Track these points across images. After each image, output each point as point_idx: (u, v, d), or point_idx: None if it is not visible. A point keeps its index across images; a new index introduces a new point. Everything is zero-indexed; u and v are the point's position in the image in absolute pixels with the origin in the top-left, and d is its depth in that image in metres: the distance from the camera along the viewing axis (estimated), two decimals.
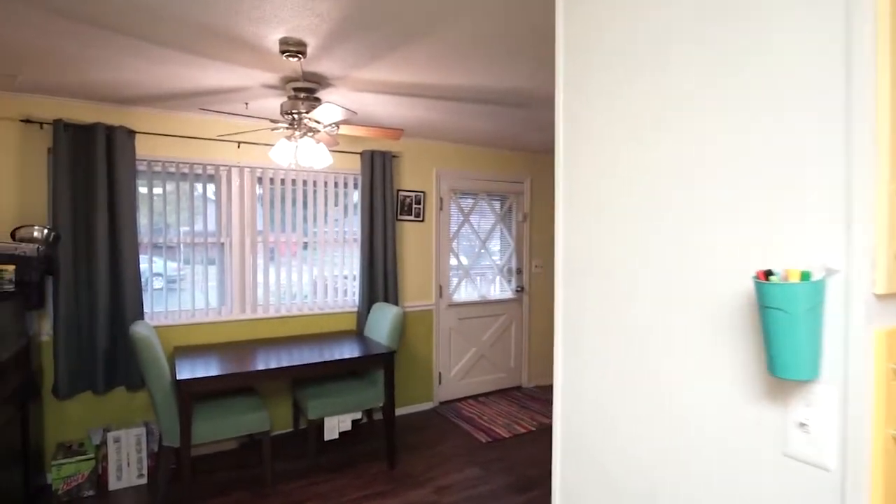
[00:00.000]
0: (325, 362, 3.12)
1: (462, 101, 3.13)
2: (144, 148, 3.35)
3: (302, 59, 2.31)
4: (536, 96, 3.02)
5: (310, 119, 2.63)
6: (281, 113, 2.72)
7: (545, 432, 3.97)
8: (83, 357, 3.17)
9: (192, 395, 2.76)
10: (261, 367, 2.98)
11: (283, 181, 3.83)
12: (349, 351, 3.37)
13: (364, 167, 4.01)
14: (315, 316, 3.97)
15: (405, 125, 3.80)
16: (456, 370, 4.70)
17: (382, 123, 3.71)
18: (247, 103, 3.18)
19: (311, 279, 3.98)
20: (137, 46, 2.26)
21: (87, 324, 3.16)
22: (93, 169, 3.11)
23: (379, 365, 3.37)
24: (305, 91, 2.71)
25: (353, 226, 4.13)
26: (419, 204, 4.38)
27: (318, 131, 2.84)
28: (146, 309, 3.39)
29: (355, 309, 4.13)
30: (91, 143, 3.11)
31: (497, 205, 4.93)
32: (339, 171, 4.02)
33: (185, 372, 2.83)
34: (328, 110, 2.36)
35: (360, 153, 4.04)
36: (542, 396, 4.82)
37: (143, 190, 3.41)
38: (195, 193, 3.54)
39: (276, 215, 3.81)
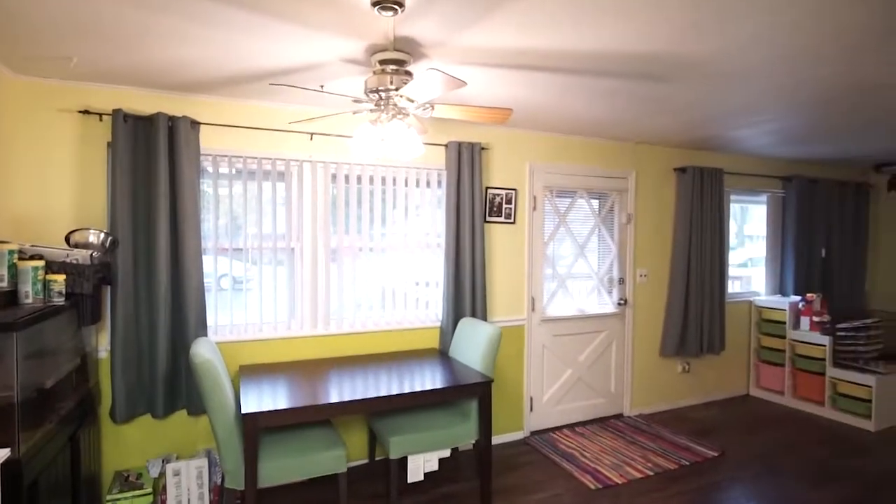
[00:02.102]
0: (410, 394, 2.60)
1: (580, 73, 2.52)
2: (208, 141, 2.97)
3: (398, 14, 1.79)
4: (684, 64, 2.36)
5: (401, 97, 2.11)
6: (365, 91, 2.22)
7: (667, 480, 3.27)
8: (142, 376, 2.82)
9: (258, 430, 2.32)
10: (335, 397, 2.50)
11: (359, 178, 3.36)
12: (435, 377, 2.84)
13: (450, 161, 3.47)
14: (394, 332, 3.48)
15: None
16: (549, 395, 4.07)
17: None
18: (322, 85, 2.72)
19: (390, 290, 3.49)
20: (197, 8, 1.82)
21: (146, 339, 2.81)
22: (154, 164, 2.75)
23: (472, 394, 2.81)
24: (395, 63, 2.20)
25: (436, 228, 3.60)
26: (510, 203, 3.79)
27: (408, 114, 2.32)
28: (209, 322, 3.01)
29: (438, 324, 3.60)
30: (152, 136, 2.76)
31: (596, 204, 4.26)
32: (421, 165, 3.50)
33: (251, 402, 2.39)
34: (429, 80, 1.83)
35: (446, 145, 3.51)
36: (648, 429, 4.10)
37: (206, 189, 3.03)
38: (263, 192, 3.13)
39: (352, 217, 3.35)
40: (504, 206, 3.77)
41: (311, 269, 3.25)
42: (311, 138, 3.21)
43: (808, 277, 5.14)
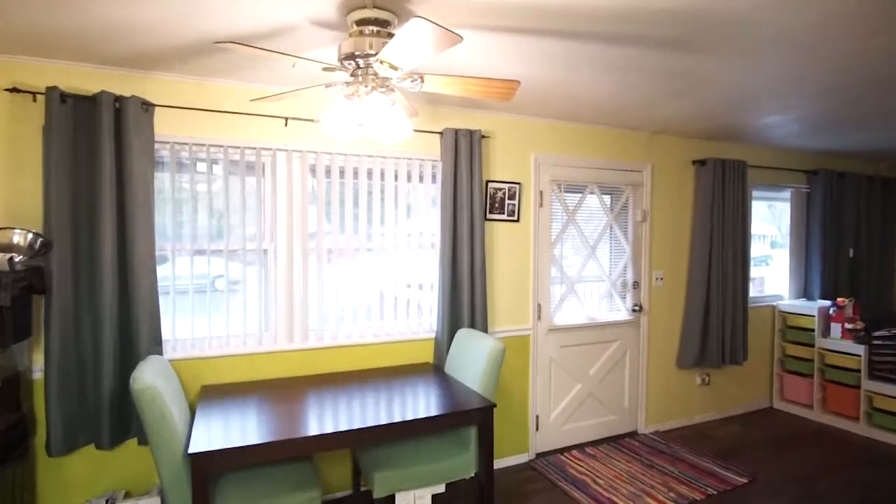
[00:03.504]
0: (398, 424, 2.19)
1: (594, 39, 2.11)
2: (165, 126, 2.56)
3: None
4: (718, 25, 1.96)
5: (382, 63, 1.70)
6: (339, 59, 1.82)
7: None
8: (84, 401, 2.41)
9: (212, 472, 1.90)
10: (313, 427, 2.09)
11: (342, 170, 2.95)
12: (429, 401, 2.44)
13: (445, 150, 3.07)
14: (382, 345, 3.07)
15: None
16: (557, 413, 3.66)
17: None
18: (294, 61, 2.31)
19: (378, 297, 3.08)
20: None
21: (90, 357, 2.40)
22: (97, 152, 2.34)
23: (471, 421, 2.40)
24: (375, 24, 1.79)
25: (431, 227, 3.20)
26: (513, 199, 3.38)
27: (393, 89, 1.92)
28: (166, 335, 2.60)
29: (432, 335, 3.19)
30: (95, 119, 2.35)
31: (608, 200, 3.85)
32: (413, 155, 3.09)
33: (210, 434, 1.98)
34: (415, 33, 1.42)
35: (441, 132, 3.10)
36: (667, 449, 3.69)
37: (162, 182, 2.62)
38: (230, 185, 2.73)
39: (335, 215, 2.94)
40: (507, 201, 3.36)
41: (287, 274, 2.84)
42: (286, 124, 2.80)
43: (835, 280, 4.74)
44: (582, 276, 3.75)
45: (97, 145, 2.35)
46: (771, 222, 5.21)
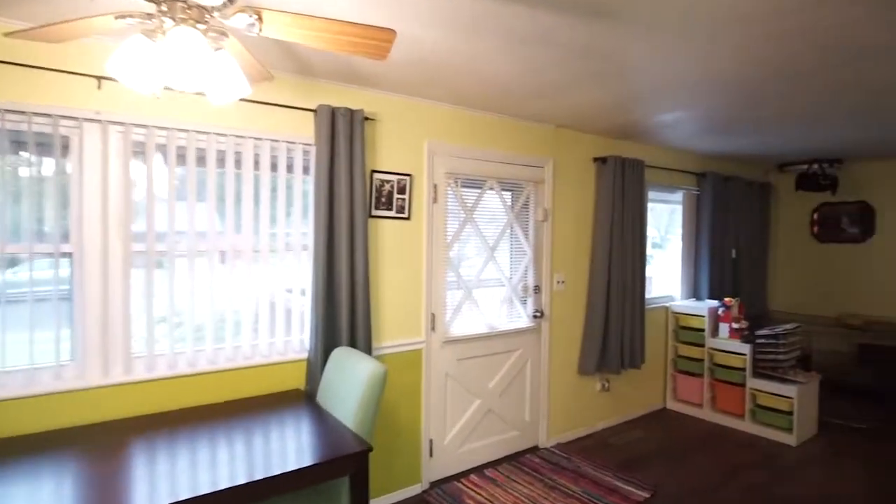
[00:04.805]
0: (254, 484, 1.63)
1: None
2: None
3: None
4: None
5: None
6: None
7: None
8: None
9: None
10: (139, 499, 1.48)
11: (182, 151, 2.30)
12: (300, 444, 1.91)
13: (320, 132, 2.53)
14: (240, 371, 2.46)
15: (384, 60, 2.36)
16: (453, 434, 3.27)
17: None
18: None
19: (231, 310, 2.47)
20: None
21: None
22: None
23: (342, 471, 1.90)
24: None
25: (302, 226, 2.65)
26: (403, 193, 2.93)
27: (225, 33, 1.37)
28: None
29: (304, 355, 2.64)
30: None
31: (509, 197, 3.54)
32: (279, 136, 2.52)
33: None
34: None
35: (315, 109, 2.57)
36: (569, 465, 3.45)
37: None
38: (15, 165, 1.99)
39: (171, 209, 2.28)
40: (395, 196, 2.90)
41: (101, 286, 2.15)
42: (100, 85, 2.11)
43: (721, 280, 4.86)
44: (481, 281, 3.39)
45: None
46: (652, 224, 5.27)
